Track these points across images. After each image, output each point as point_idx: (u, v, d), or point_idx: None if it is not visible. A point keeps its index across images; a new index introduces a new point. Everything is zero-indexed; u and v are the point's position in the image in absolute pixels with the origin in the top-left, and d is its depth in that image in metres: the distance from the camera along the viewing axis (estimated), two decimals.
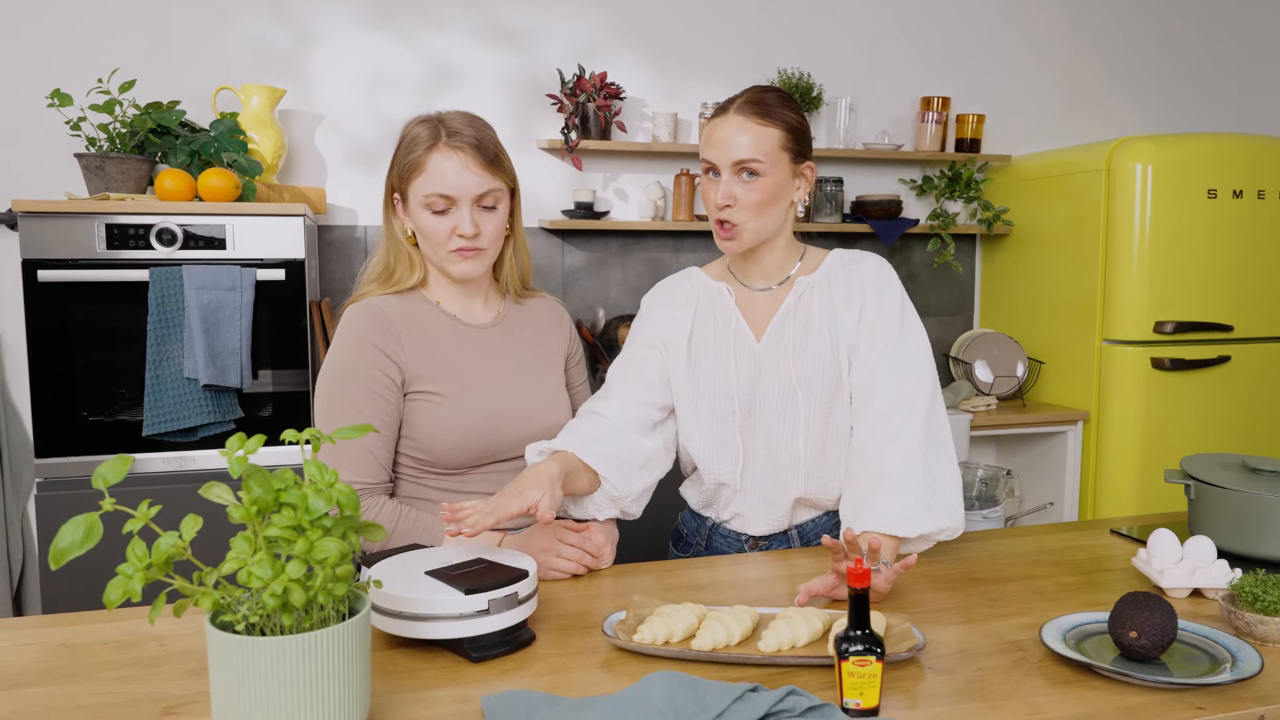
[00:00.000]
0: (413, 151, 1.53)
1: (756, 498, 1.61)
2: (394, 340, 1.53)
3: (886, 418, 1.50)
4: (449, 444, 1.54)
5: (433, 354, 1.56)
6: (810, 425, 1.56)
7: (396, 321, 1.55)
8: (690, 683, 1.00)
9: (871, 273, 1.59)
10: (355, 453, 1.49)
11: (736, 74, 3.38)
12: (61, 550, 0.85)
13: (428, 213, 1.53)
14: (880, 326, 1.55)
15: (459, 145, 1.51)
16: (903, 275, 3.61)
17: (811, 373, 1.55)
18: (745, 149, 1.50)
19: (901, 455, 1.46)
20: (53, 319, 2.41)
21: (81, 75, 2.73)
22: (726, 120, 1.52)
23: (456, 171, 1.51)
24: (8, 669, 1.16)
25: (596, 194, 3.25)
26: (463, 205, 1.52)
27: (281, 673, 0.87)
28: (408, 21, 3.08)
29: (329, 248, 3.07)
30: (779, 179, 1.53)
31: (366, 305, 1.56)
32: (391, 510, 1.50)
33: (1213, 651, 1.16)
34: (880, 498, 1.44)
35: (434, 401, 1.54)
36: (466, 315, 1.63)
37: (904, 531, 1.42)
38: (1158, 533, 1.43)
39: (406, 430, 1.55)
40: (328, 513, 0.91)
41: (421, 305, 1.60)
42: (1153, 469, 3.08)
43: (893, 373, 1.53)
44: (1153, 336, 3.06)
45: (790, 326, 1.58)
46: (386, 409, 1.52)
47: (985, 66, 3.67)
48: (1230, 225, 3.08)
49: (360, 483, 1.50)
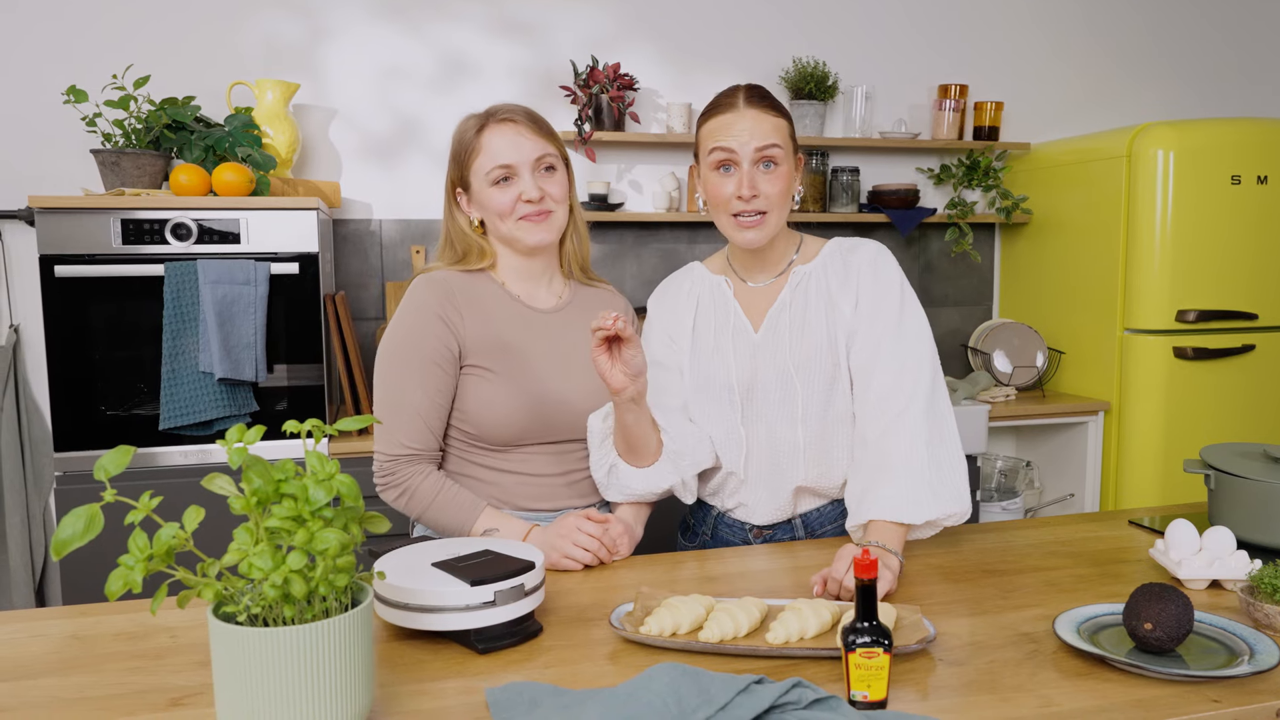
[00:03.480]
0: (465, 139, 1.61)
1: (760, 487, 1.61)
2: (455, 313, 1.57)
3: (887, 403, 1.49)
4: (496, 421, 1.56)
5: (491, 331, 1.59)
6: (809, 413, 1.56)
7: (460, 295, 1.59)
8: (694, 674, 0.99)
9: (868, 260, 1.58)
10: (408, 417, 1.54)
11: (750, 64, 3.36)
12: (63, 541, 0.86)
13: (493, 189, 1.59)
14: (878, 313, 1.54)
15: (509, 117, 1.60)
16: (920, 265, 3.58)
17: (808, 361, 1.55)
18: (768, 136, 1.51)
19: (904, 442, 1.45)
20: (70, 314, 2.43)
21: (97, 71, 2.75)
22: (740, 112, 1.52)
23: (511, 140, 1.58)
24: (19, 660, 1.16)
25: (611, 186, 3.24)
26: (523, 171, 1.58)
27: (283, 663, 0.87)
28: (420, 15, 3.07)
29: (343, 241, 3.08)
30: (790, 168, 1.56)
31: (434, 277, 1.61)
32: (435, 481, 1.54)
33: (1230, 644, 1.14)
34: (884, 486, 1.43)
35: (486, 378, 1.57)
36: (530, 298, 1.66)
37: (909, 518, 1.41)
38: (1176, 523, 1.40)
39: (458, 403, 1.58)
40: (328, 504, 0.91)
41: (487, 284, 1.64)
42: (1175, 460, 3.04)
43: (892, 357, 1.52)
44: (1175, 325, 3.02)
45: (786, 316, 1.59)
46: (443, 379, 1.56)
47: (1003, 53, 3.62)
48: (1254, 212, 3.02)
49: (410, 448, 1.54)
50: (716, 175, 1.54)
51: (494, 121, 1.59)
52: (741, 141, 1.51)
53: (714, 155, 1.53)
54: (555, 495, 1.62)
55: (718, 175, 1.54)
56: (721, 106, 1.55)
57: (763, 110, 1.53)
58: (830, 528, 1.64)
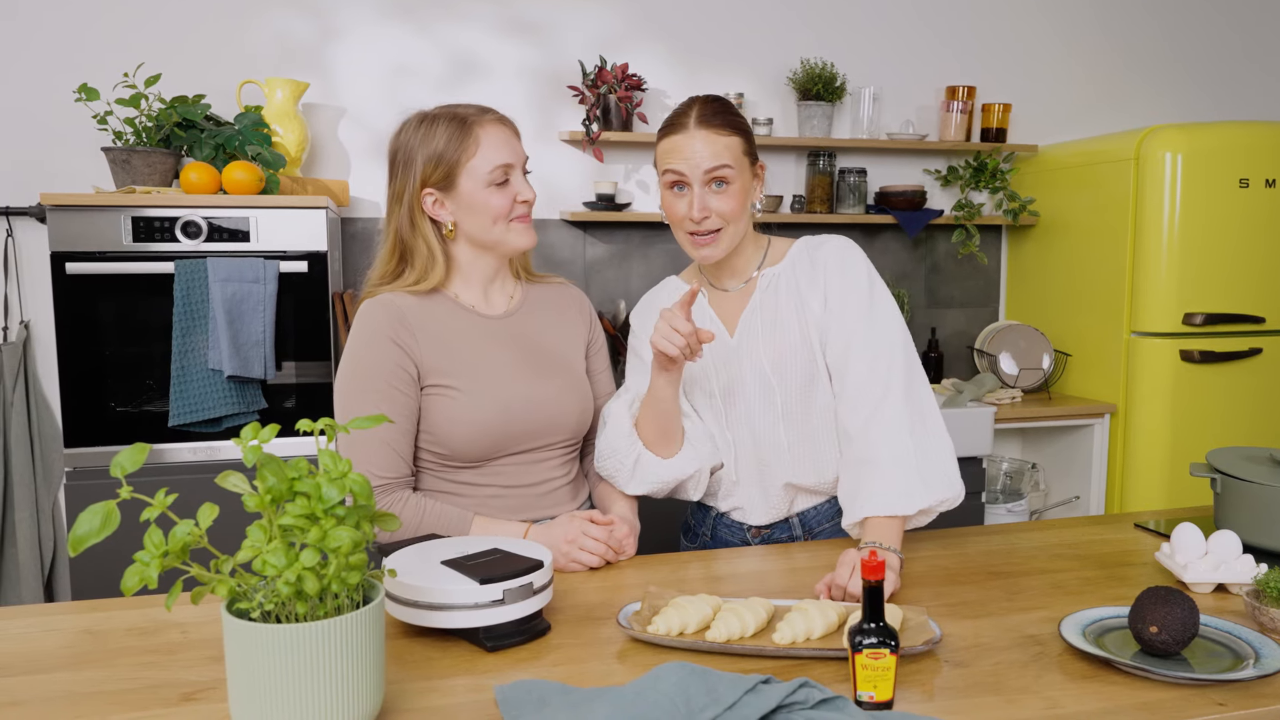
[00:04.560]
0: (453, 139, 1.52)
1: (752, 488, 1.64)
2: (409, 334, 1.53)
3: (864, 393, 1.50)
4: (466, 437, 1.53)
5: (447, 347, 1.56)
6: (790, 411, 1.58)
7: (411, 316, 1.54)
8: (702, 673, 0.99)
9: (835, 255, 1.60)
10: (375, 447, 1.49)
11: (759, 64, 3.36)
12: (80, 538, 0.87)
13: (490, 188, 1.53)
14: (847, 305, 1.55)
15: (499, 118, 1.57)
16: (927, 266, 3.58)
17: (783, 360, 1.57)
18: (716, 158, 1.51)
19: (887, 432, 1.46)
20: (81, 310, 2.44)
21: (108, 70, 2.76)
22: (690, 134, 1.52)
23: (508, 140, 1.56)
24: (33, 654, 1.18)
25: (618, 186, 3.25)
26: (518, 171, 1.57)
27: (296, 660, 0.88)
28: (429, 14, 3.08)
29: (352, 240, 3.09)
30: (745, 184, 1.56)
31: (382, 300, 1.56)
32: (415, 505, 1.50)
33: (1235, 647, 1.14)
34: (874, 481, 1.44)
35: (449, 396, 1.53)
36: (484, 306, 1.63)
37: (902, 510, 1.42)
38: (1181, 527, 1.41)
39: (423, 425, 1.55)
40: (341, 501, 0.92)
41: (438, 300, 1.59)
42: (1181, 463, 3.03)
43: (865, 348, 1.52)
44: (1182, 329, 3.02)
45: (759, 319, 1.60)
46: (404, 403, 1.51)
47: (1011, 55, 3.62)
48: (1262, 215, 3.02)
49: (381, 477, 1.49)
50: (671, 194, 1.56)
51: (488, 121, 1.54)
52: (691, 165, 1.51)
53: (667, 176, 1.55)
54: (531, 506, 1.59)
55: (672, 194, 1.56)
56: (674, 126, 1.55)
57: (712, 131, 1.52)
58: (828, 526, 1.64)
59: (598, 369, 1.74)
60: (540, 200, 2.63)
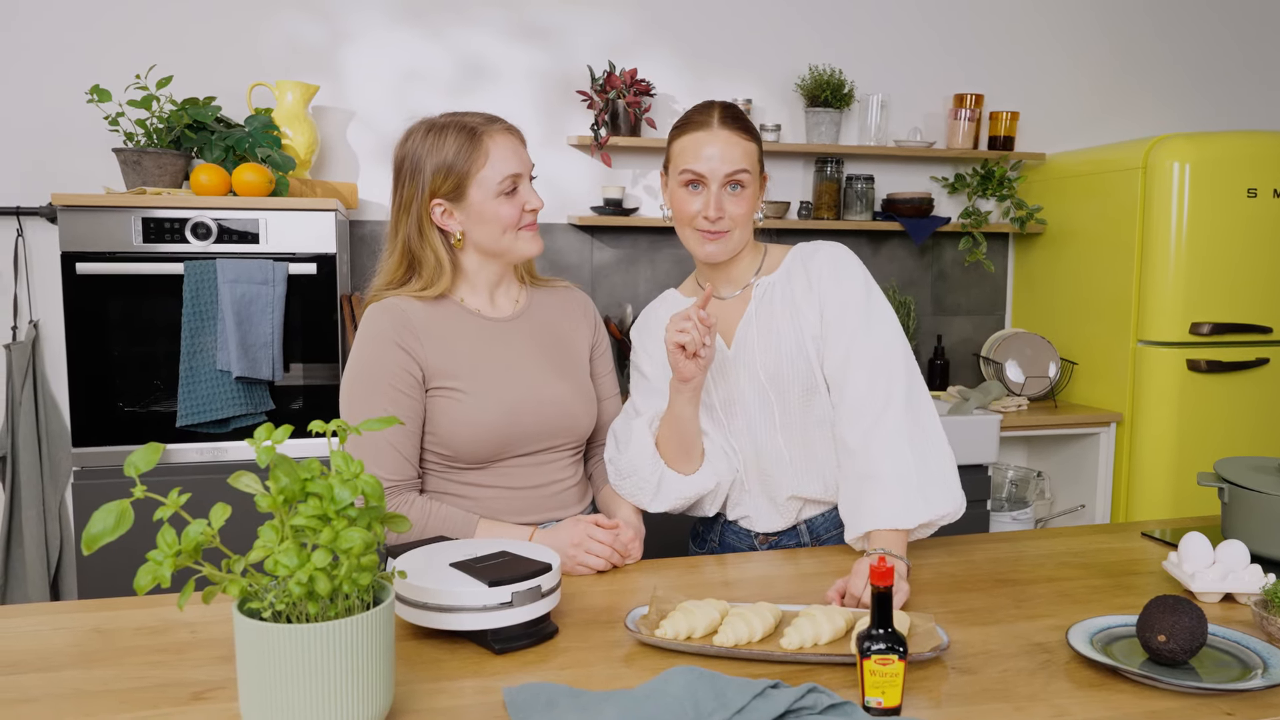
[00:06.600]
0: (462, 149, 1.52)
1: (759, 497, 1.63)
2: (414, 338, 1.53)
3: (864, 406, 1.49)
4: (470, 439, 1.54)
5: (452, 350, 1.56)
6: (789, 421, 1.58)
7: (416, 319, 1.55)
8: (710, 678, 1.00)
9: (829, 263, 1.58)
10: (381, 449, 1.50)
11: (767, 70, 3.37)
12: (94, 536, 0.87)
13: (500, 198, 1.54)
14: (844, 316, 1.54)
15: (507, 127, 1.57)
16: (934, 274, 3.58)
17: (780, 371, 1.57)
18: (737, 162, 1.52)
19: (888, 445, 1.45)
20: (90, 311, 2.45)
21: (120, 72, 2.78)
22: (714, 132, 1.53)
23: (516, 150, 1.57)
24: (42, 652, 1.18)
25: (626, 190, 3.26)
26: (525, 180, 1.57)
27: (306, 660, 0.89)
28: (439, 18, 3.10)
29: (360, 242, 3.10)
30: (756, 190, 1.58)
31: (387, 304, 1.56)
32: (421, 508, 1.51)
33: (1243, 657, 1.14)
34: (875, 497, 1.43)
35: (454, 398, 1.54)
36: (489, 309, 1.63)
37: (904, 524, 1.41)
38: (1189, 536, 1.41)
39: (429, 427, 1.55)
40: (353, 503, 0.92)
41: (444, 304, 1.60)
42: (1187, 473, 3.03)
43: (864, 359, 1.51)
44: (1189, 338, 3.01)
45: (754, 329, 1.60)
46: (410, 406, 1.52)
47: (1019, 63, 3.63)
48: (1270, 225, 3.02)
49: (388, 480, 1.50)
50: (684, 192, 1.56)
51: (496, 131, 1.54)
52: (712, 166, 1.52)
53: (684, 175, 1.55)
54: (538, 507, 1.59)
55: (685, 192, 1.56)
56: (695, 124, 1.55)
57: (735, 133, 1.53)
58: (835, 533, 1.64)
59: (601, 371, 1.75)
60: (548, 205, 2.64)
